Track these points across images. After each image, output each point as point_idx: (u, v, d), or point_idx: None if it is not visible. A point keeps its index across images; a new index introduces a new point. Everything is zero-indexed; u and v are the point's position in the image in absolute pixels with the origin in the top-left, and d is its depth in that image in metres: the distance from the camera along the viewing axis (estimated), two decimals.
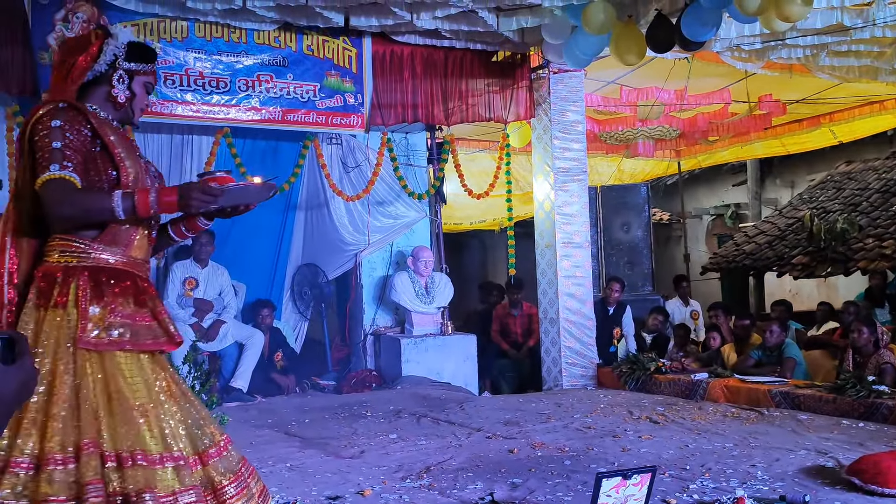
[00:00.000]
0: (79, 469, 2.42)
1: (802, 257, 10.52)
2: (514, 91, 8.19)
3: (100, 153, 2.71)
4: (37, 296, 2.60)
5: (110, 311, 2.60)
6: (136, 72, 2.90)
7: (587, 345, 8.14)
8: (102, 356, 2.56)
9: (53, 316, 2.57)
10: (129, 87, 2.88)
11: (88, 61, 2.79)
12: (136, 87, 2.90)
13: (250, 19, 6.95)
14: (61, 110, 2.68)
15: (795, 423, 5.75)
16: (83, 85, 2.80)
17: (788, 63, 8.30)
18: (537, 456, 4.98)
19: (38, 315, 2.58)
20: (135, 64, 2.89)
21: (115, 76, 2.84)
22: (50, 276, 2.63)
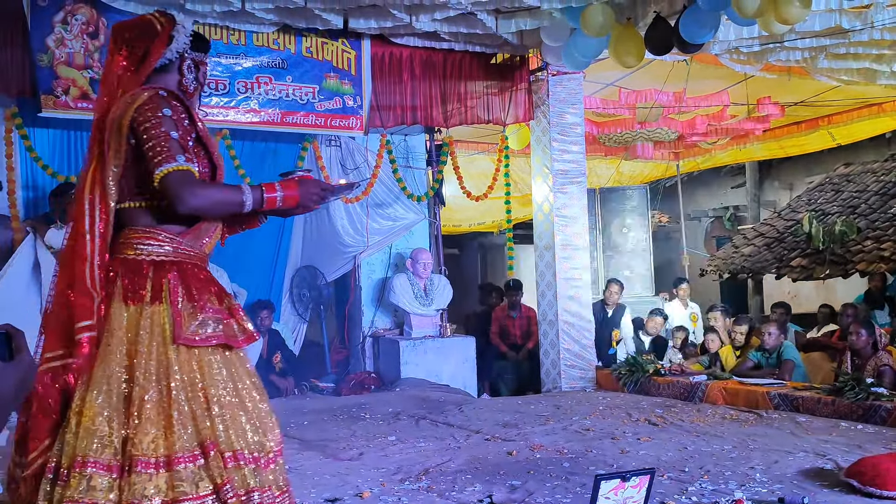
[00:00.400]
0: (208, 469, 2.43)
1: (801, 259, 10.52)
2: (513, 93, 8.20)
3: (194, 145, 2.68)
4: (123, 291, 2.54)
5: (200, 307, 2.57)
6: (200, 61, 2.87)
7: (586, 347, 8.14)
8: (195, 352, 2.53)
9: (147, 312, 2.52)
10: (196, 76, 2.86)
11: (161, 48, 2.71)
12: (200, 77, 2.89)
13: (249, 21, 6.95)
14: (165, 99, 2.62)
15: (794, 426, 5.75)
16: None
17: (787, 65, 8.31)
18: (536, 458, 4.97)
19: (128, 311, 2.52)
20: (199, 53, 2.85)
21: (185, 65, 2.79)
22: (137, 271, 2.56)
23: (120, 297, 2.53)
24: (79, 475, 2.35)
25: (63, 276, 2.56)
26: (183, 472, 2.39)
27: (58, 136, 7.29)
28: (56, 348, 2.48)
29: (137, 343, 2.48)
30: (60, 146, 7.32)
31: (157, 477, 2.37)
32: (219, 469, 2.43)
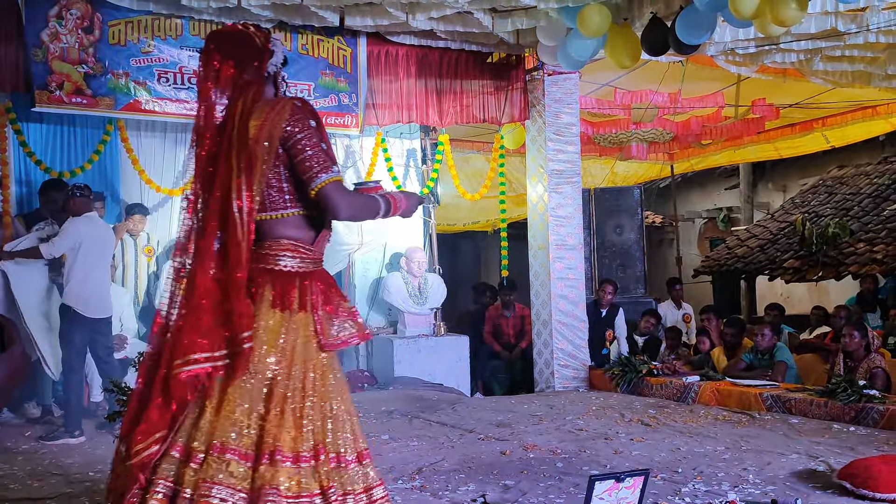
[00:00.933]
0: (317, 469, 2.62)
1: (794, 261, 10.56)
2: (509, 92, 8.19)
3: None
4: (273, 299, 2.71)
5: (334, 312, 2.79)
6: (284, 76, 2.99)
7: (579, 347, 8.15)
8: (325, 357, 2.75)
9: (294, 319, 2.70)
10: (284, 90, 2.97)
11: (267, 62, 2.85)
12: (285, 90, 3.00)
13: (245, 18, 6.91)
14: (304, 109, 2.75)
15: (787, 427, 5.76)
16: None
17: (782, 67, 8.33)
18: (529, 458, 4.97)
19: (274, 317, 2.69)
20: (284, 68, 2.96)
21: (280, 79, 2.92)
22: (286, 282, 2.74)
23: (269, 305, 2.69)
24: (217, 459, 2.53)
25: (207, 283, 2.65)
26: (306, 470, 2.59)
27: (51, 131, 7.27)
28: (213, 349, 2.60)
29: (282, 347, 2.67)
30: (54, 141, 7.30)
31: (290, 471, 2.56)
32: (326, 471, 2.63)
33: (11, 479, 4.72)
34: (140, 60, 6.73)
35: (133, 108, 6.76)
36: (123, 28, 6.67)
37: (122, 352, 6.82)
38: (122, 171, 7.60)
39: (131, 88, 6.70)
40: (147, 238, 7.57)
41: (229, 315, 2.62)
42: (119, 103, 6.69)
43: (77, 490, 4.44)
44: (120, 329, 6.94)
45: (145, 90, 6.75)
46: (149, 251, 7.58)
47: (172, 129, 7.69)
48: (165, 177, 7.69)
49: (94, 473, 4.80)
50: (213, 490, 2.50)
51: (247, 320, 2.61)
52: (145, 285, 7.57)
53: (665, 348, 8.73)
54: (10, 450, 5.48)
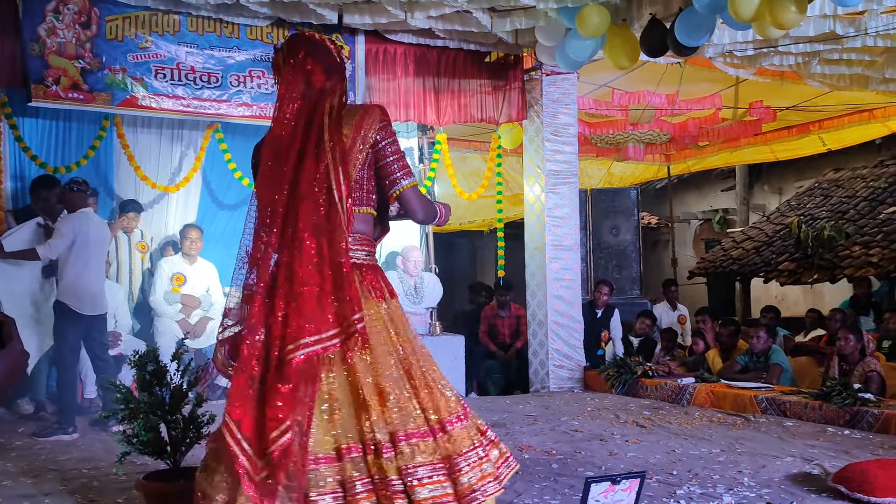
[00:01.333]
0: (470, 420, 2.97)
1: (789, 263, 10.57)
2: (507, 92, 8.19)
3: None
4: (367, 288, 2.95)
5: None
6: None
7: (575, 347, 8.15)
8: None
9: (388, 306, 2.99)
10: None
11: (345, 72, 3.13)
12: None
13: (243, 14, 6.92)
14: (388, 117, 3.06)
15: (781, 430, 5.76)
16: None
17: (780, 70, 8.33)
18: (524, 458, 4.96)
19: (371, 305, 2.93)
20: None
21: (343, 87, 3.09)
22: (374, 272, 3.02)
23: (364, 293, 2.91)
24: (407, 445, 2.75)
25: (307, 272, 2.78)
26: (467, 424, 2.91)
27: (47, 126, 7.23)
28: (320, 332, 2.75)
29: (392, 332, 2.94)
30: (49, 136, 7.26)
31: (460, 431, 2.86)
32: (474, 422, 3.02)
33: (5, 475, 4.70)
34: (137, 56, 6.70)
35: (130, 104, 6.73)
36: (121, 23, 6.65)
37: (117, 348, 6.80)
38: (117, 167, 7.58)
39: (128, 84, 6.68)
40: (141, 235, 7.55)
41: (338, 300, 2.78)
42: (116, 99, 6.66)
43: (71, 487, 4.42)
44: (114, 326, 6.91)
45: (142, 86, 6.73)
46: (142, 247, 7.56)
47: (168, 125, 7.66)
48: (161, 173, 7.67)
49: (88, 470, 4.79)
50: (417, 471, 2.73)
51: (357, 303, 2.79)
52: (139, 282, 7.54)
53: (660, 349, 8.73)
54: (4, 446, 5.46)
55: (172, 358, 3.85)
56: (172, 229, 7.82)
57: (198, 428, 3.70)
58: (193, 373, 3.81)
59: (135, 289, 7.51)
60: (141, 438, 3.62)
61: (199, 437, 3.70)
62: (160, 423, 3.66)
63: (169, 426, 3.69)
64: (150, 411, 3.63)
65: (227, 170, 7.48)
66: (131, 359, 3.79)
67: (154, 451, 3.66)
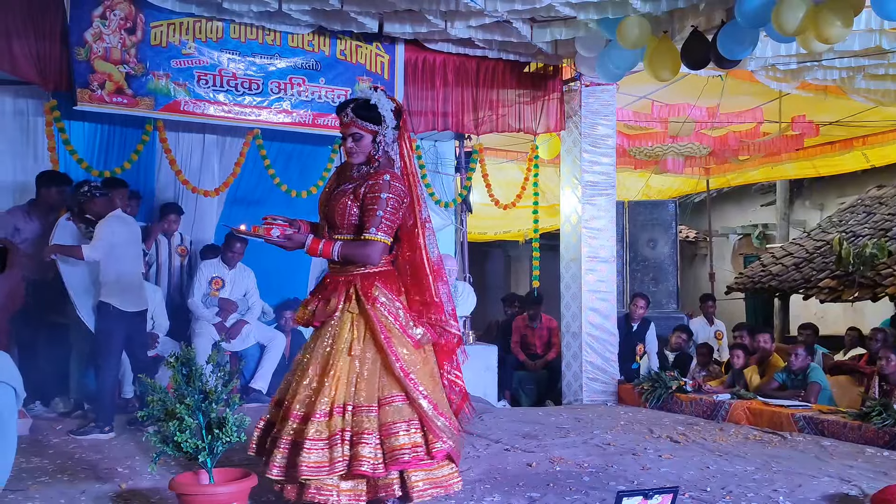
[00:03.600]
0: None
1: (830, 281, 10.39)
2: (545, 103, 8.17)
3: None
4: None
5: None
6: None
7: (609, 360, 8.08)
8: None
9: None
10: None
11: None
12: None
13: (285, 22, 6.98)
14: None
15: (819, 449, 5.67)
16: None
17: (823, 84, 8.23)
18: (556, 471, 4.94)
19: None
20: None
21: None
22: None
23: None
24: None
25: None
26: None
27: (91, 129, 7.36)
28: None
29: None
30: (93, 140, 7.39)
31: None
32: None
33: (42, 472, 4.78)
34: (181, 62, 6.80)
35: (172, 109, 6.83)
36: (165, 29, 6.75)
37: (154, 350, 6.89)
38: (159, 171, 7.68)
39: (171, 89, 6.77)
40: (181, 238, 7.63)
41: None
42: (159, 104, 6.76)
43: (106, 485, 4.48)
44: (152, 327, 7.00)
45: (185, 91, 6.82)
46: (182, 252, 7.65)
47: (210, 130, 7.75)
48: (202, 178, 7.76)
49: (123, 469, 4.85)
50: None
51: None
52: (178, 284, 7.63)
53: (695, 364, 8.64)
54: (41, 443, 5.55)
55: (208, 360, 3.88)
56: (208, 233, 7.91)
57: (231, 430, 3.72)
58: (228, 375, 3.85)
59: (173, 291, 7.60)
60: (176, 439, 3.66)
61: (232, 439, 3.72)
62: (195, 425, 3.70)
63: (203, 428, 3.72)
64: (186, 412, 3.67)
65: (266, 175, 7.54)
66: (168, 360, 3.83)
67: (188, 452, 3.70)
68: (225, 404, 3.82)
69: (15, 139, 7.23)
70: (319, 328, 3.99)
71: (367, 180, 3.91)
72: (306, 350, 4.03)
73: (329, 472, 3.66)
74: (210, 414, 3.75)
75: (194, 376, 3.77)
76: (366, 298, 3.88)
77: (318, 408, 3.73)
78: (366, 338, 3.89)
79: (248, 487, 3.82)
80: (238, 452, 5.06)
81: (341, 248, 3.90)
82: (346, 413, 3.75)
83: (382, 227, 3.86)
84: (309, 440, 3.67)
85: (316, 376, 3.84)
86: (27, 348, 6.39)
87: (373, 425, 3.75)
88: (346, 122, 3.98)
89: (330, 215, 4.00)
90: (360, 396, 3.79)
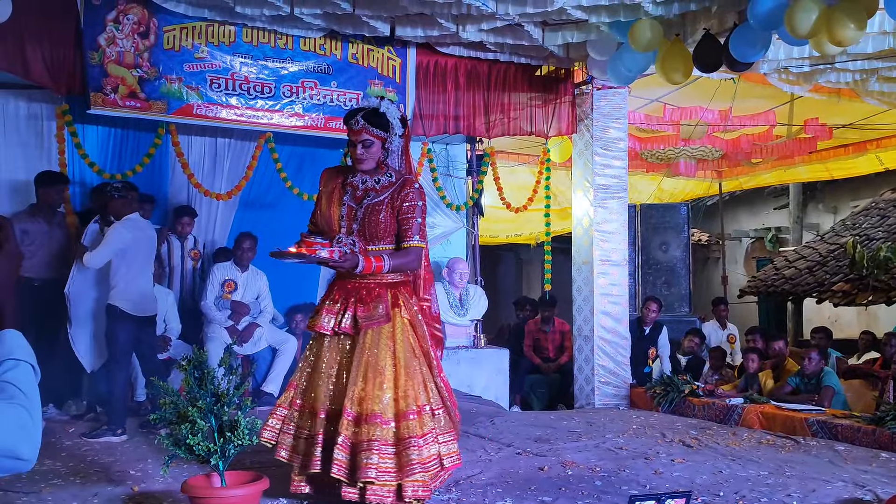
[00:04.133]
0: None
1: (843, 284, 10.34)
2: (557, 106, 8.16)
3: None
4: None
5: None
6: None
7: (621, 364, 8.06)
8: None
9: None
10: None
11: None
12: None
13: (297, 26, 7.00)
14: None
15: (832, 454, 5.63)
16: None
17: (836, 87, 8.18)
18: (568, 475, 4.93)
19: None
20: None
21: None
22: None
23: None
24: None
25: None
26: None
27: (103, 133, 7.39)
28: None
29: None
30: (105, 143, 7.43)
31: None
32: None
33: (55, 474, 4.80)
34: (193, 66, 6.82)
35: (185, 113, 6.85)
36: (178, 34, 6.78)
37: (166, 353, 6.91)
38: (172, 174, 7.71)
39: (184, 93, 6.80)
40: (194, 241, 7.66)
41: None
42: (171, 107, 6.79)
43: (119, 488, 4.50)
44: (164, 330, 7.02)
45: (197, 95, 6.84)
46: (195, 255, 7.68)
47: (223, 133, 7.78)
48: (214, 181, 7.78)
49: (136, 472, 4.86)
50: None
51: None
52: (190, 287, 7.66)
53: (708, 368, 8.61)
54: (54, 445, 5.57)
55: (220, 363, 3.89)
56: (220, 236, 7.93)
57: (243, 433, 3.73)
58: (240, 378, 3.85)
59: (186, 294, 7.62)
60: (188, 442, 3.67)
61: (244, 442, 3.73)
62: (207, 428, 3.70)
63: (215, 431, 3.73)
64: (198, 415, 3.68)
65: (278, 178, 7.56)
66: (180, 363, 3.84)
67: (200, 455, 3.70)
68: (237, 407, 3.83)
69: (29, 143, 7.28)
70: (356, 333, 4.02)
71: (398, 191, 4.06)
72: (338, 353, 4.07)
73: (399, 475, 3.80)
74: (222, 417, 3.76)
75: (206, 379, 3.78)
76: (406, 304, 4.05)
77: (378, 409, 3.83)
78: (412, 342, 4.03)
79: (261, 490, 3.83)
80: (250, 455, 5.08)
81: (391, 261, 4.00)
82: (430, 413, 3.93)
83: (421, 232, 4.06)
84: (413, 438, 3.83)
85: (374, 379, 3.90)
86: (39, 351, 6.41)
87: (438, 425, 3.98)
88: (356, 129, 4.04)
89: (368, 229, 4.06)
90: (430, 400, 3.97)
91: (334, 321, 4.05)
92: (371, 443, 3.77)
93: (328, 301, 4.16)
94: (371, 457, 3.75)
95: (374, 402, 3.84)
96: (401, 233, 4.07)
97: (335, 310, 4.08)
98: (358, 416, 3.84)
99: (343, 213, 4.11)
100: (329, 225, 4.14)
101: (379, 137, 4.06)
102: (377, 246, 4.07)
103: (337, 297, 4.12)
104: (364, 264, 3.92)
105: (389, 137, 4.10)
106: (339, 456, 3.79)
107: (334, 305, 4.10)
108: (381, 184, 4.10)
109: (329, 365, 4.05)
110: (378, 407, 3.82)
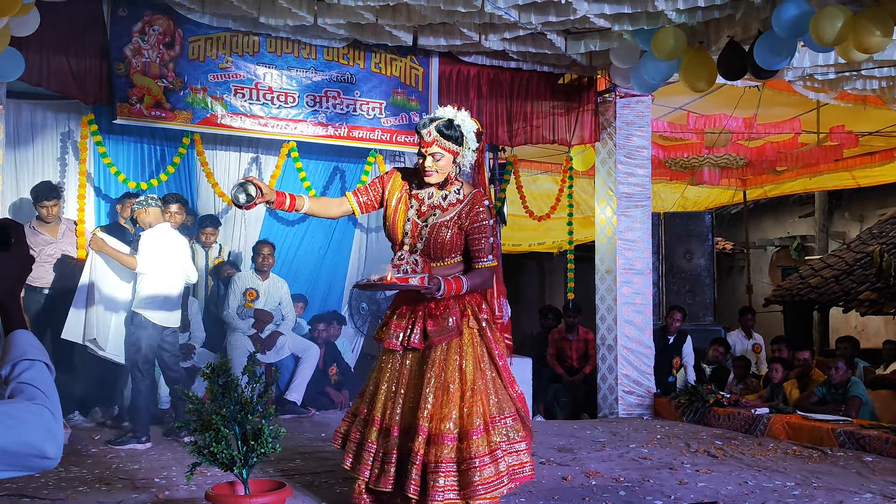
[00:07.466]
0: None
1: (870, 293, 10.22)
2: (580, 114, 8.14)
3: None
4: None
5: None
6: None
7: (645, 373, 8.01)
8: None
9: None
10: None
11: None
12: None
13: (320, 36, 7.04)
14: None
15: (860, 465, 5.56)
16: None
17: (862, 94, 8.11)
18: (591, 485, 4.89)
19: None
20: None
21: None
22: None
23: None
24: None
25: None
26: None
27: (129, 143, 7.47)
28: None
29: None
30: (131, 153, 7.50)
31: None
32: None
33: (80, 481, 4.83)
34: (217, 76, 6.88)
35: (209, 123, 6.91)
36: (203, 44, 6.84)
37: (190, 361, 6.95)
38: (197, 184, 7.78)
39: (208, 103, 6.85)
40: (219, 250, 7.71)
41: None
42: (196, 117, 6.85)
43: (143, 495, 4.52)
44: (188, 339, 7.06)
45: (221, 105, 6.89)
46: (219, 263, 7.72)
47: (247, 143, 7.83)
48: None
49: (160, 479, 4.89)
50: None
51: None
52: (214, 296, 7.70)
53: (733, 378, 8.53)
54: (80, 452, 5.61)
55: (243, 371, 3.91)
56: (242, 246, 7.98)
57: (266, 441, 3.74)
58: (263, 386, 3.86)
59: (210, 303, 7.67)
60: (211, 450, 3.69)
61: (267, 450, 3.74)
62: (230, 435, 3.72)
63: (238, 438, 3.75)
64: (222, 423, 3.69)
65: (302, 188, 7.60)
66: (204, 371, 3.86)
67: (224, 463, 3.72)
68: (260, 415, 3.84)
69: (56, 154, 7.37)
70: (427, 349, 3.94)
71: (468, 210, 3.94)
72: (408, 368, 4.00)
73: (498, 486, 3.77)
74: (246, 425, 3.77)
75: (230, 387, 3.79)
76: (474, 314, 3.97)
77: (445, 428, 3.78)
78: (479, 353, 3.97)
79: (284, 498, 3.83)
80: (274, 463, 5.09)
81: (469, 282, 3.91)
82: (495, 426, 3.87)
83: (494, 251, 4.00)
84: (477, 458, 3.75)
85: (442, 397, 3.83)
86: (64, 359, 6.48)
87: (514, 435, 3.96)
88: (427, 140, 3.84)
89: (433, 248, 3.95)
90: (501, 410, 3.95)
91: (403, 336, 3.97)
92: (439, 464, 3.71)
93: (395, 315, 4.06)
94: (438, 479, 3.70)
95: (442, 420, 3.77)
96: (472, 253, 3.95)
97: (403, 325, 3.99)
98: (429, 436, 3.77)
99: (407, 230, 4.00)
100: (392, 235, 4.06)
101: (451, 151, 3.89)
102: (441, 262, 3.97)
103: (405, 311, 4.02)
104: (445, 289, 3.81)
105: (462, 151, 3.93)
106: (414, 475, 3.72)
107: (402, 320, 4.01)
108: (448, 200, 3.97)
109: (400, 381, 3.96)
110: (445, 426, 3.75)
